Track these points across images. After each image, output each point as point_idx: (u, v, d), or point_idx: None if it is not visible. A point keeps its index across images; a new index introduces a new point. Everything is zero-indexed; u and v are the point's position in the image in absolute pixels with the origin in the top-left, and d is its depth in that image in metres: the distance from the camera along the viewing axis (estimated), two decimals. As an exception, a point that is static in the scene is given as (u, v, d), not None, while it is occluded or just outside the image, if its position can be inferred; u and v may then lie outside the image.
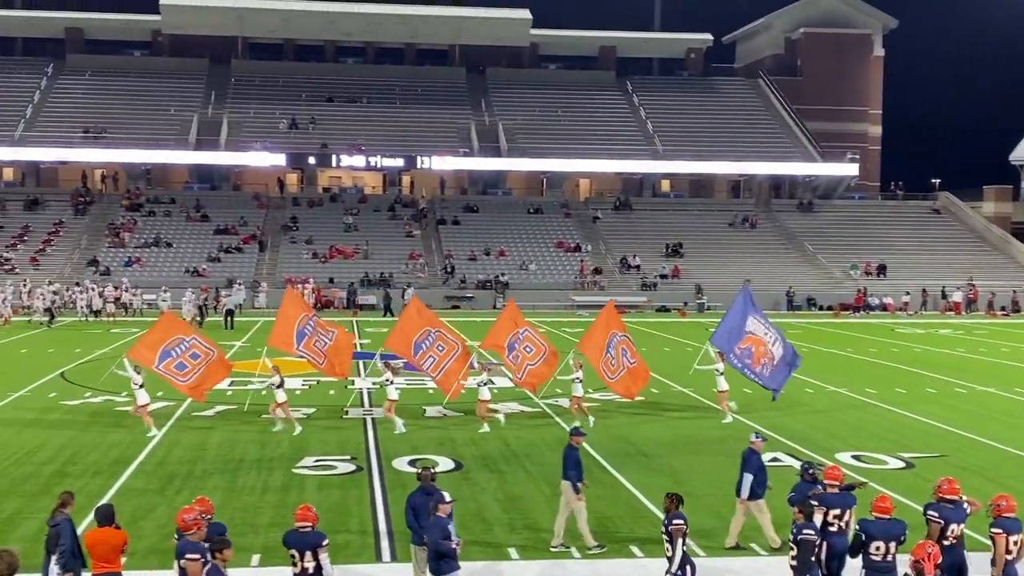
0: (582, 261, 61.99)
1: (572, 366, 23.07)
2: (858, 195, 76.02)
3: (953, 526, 10.90)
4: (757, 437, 14.43)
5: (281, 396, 21.78)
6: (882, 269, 63.79)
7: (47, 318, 45.30)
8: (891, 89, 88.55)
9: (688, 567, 11.09)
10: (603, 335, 23.81)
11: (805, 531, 10.81)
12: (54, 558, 10.81)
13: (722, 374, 23.76)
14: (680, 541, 11.06)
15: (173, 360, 22.31)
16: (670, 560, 11.12)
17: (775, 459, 19.66)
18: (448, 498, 11.47)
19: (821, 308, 59.55)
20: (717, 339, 24.24)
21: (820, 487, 12.06)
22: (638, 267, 62.31)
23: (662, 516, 15.47)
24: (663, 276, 61.42)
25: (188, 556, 9.78)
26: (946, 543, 10.81)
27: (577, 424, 14.86)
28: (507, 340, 23.45)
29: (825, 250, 65.88)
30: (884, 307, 59.28)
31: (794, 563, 10.86)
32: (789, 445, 20.80)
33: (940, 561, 9.91)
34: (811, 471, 12.56)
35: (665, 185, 76.18)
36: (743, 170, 73.47)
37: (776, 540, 13.86)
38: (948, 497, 11.08)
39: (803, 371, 32.30)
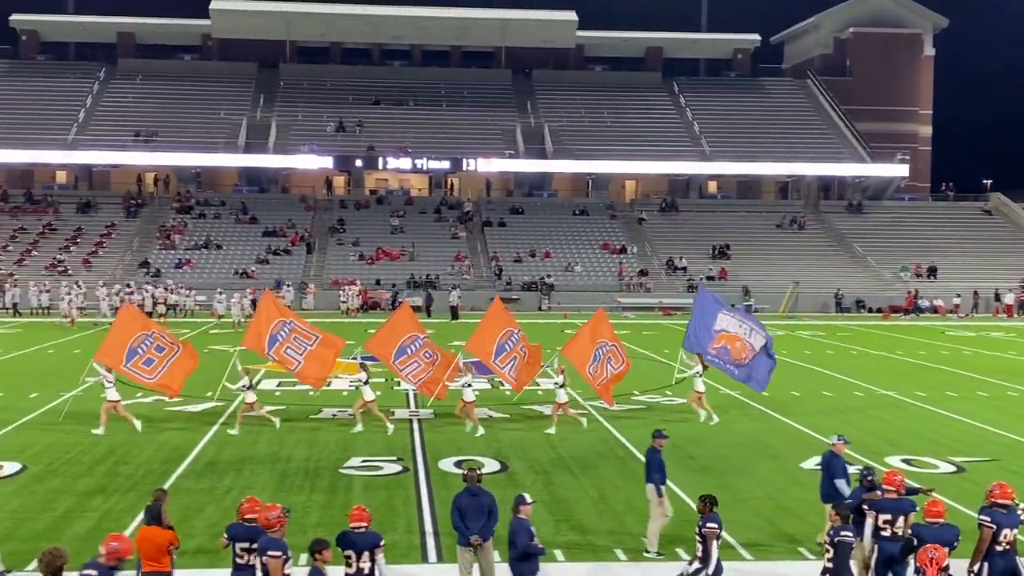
0: (621, 264, 61.77)
1: (555, 371, 22.82)
2: (908, 196, 75.15)
3: (1006, 531, 10.74)
4: (839, 439, 14.24)
5: (251, 397, 21.85)
6: (932, 271, 63.00)
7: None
8: (941, 89, 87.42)
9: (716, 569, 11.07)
10: (591, 343, 23.25)
11: (843, 533, 10.76)
12: None
13: (700, 376, 23.46)
14: (715, 544, 11.01)
15: (140, 357, 22.35)
16: (703, 562, 11.07)
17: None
18: (529, 499, 11.49)
19: (870, 310, 58.95)
20: (688, 344, 23.79)
21: (880, 492, 11.94)
22: (684, 269, 62.03)
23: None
24: (710, 278, 61.04)
25: (271, 553, 9.90)
26: (999, 548, 10.67)
27: (660, 428, 14.75)
28: (496, 343, 22.95)
29: (875, 252, 65.19)
30: (935, 309, 58.50)
31: (830, 565, 10.77)
32: (838, 448, 20.58)
33: (945, 565, 9.80)
34: (869, 477, 12.40)
35: (712, 186, 75.79)
36: (791, 171, 72.91)
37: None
38: (1001, 502, 10.92)
39: (852, 374, 32.12)
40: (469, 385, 22.36)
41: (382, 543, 10.48)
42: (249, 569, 10.68)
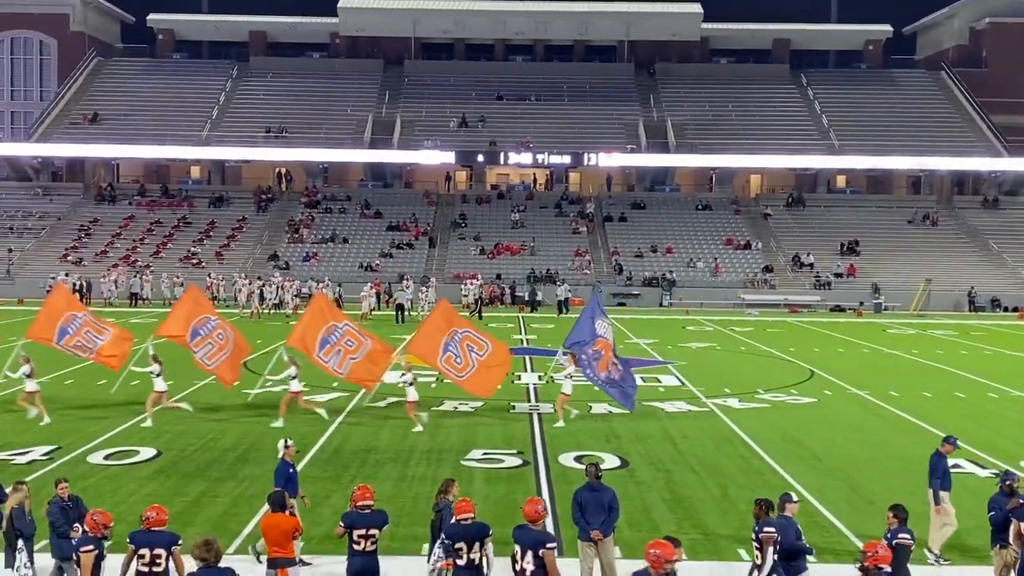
0: (715, 260, 60.68)
1: (402, 367, 22.61)
2: (1048, 191, 72.15)
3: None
4: None
5: (31, 388, 21.94)
6: (1074, 269, 60.47)
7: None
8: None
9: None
10: (438, 334, 22.80)
11: (900, 536, 10.40)
12: (438, 542, 11.43)
13: (571, 378, 22.78)
14: (771, 550, 10.77)
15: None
16: (759, 568, 10.84)
17: (956, 466, 18.89)
18: (795, 498, 11.44)
19: (1006, 309, 56.88)
20: (569, 343, 23.38)
21: (1022, 499, 11.56)
22: (811, 265, 60.74)
23: (837, 524, 15.13)
24: (838, 275, 59.70)
25: (548, 546, 10.15)
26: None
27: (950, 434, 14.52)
28: (318, 336, 22.78)
29: (1011, 249, 62.81)
30: (1076, 309, 56.14)
31: (888, 569, 10.40)
32: (971, 452, 19.93)
33: (885, 567, 9.51)
34: (1008, 482, 12.01)
35: (841, 181, 73.96)
36: (924, 165, 70.58)
37: None
38: None
39: (987, 375, 31.00)
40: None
41: (491, 533, 10.64)
42: (368, 555, 10.84)
